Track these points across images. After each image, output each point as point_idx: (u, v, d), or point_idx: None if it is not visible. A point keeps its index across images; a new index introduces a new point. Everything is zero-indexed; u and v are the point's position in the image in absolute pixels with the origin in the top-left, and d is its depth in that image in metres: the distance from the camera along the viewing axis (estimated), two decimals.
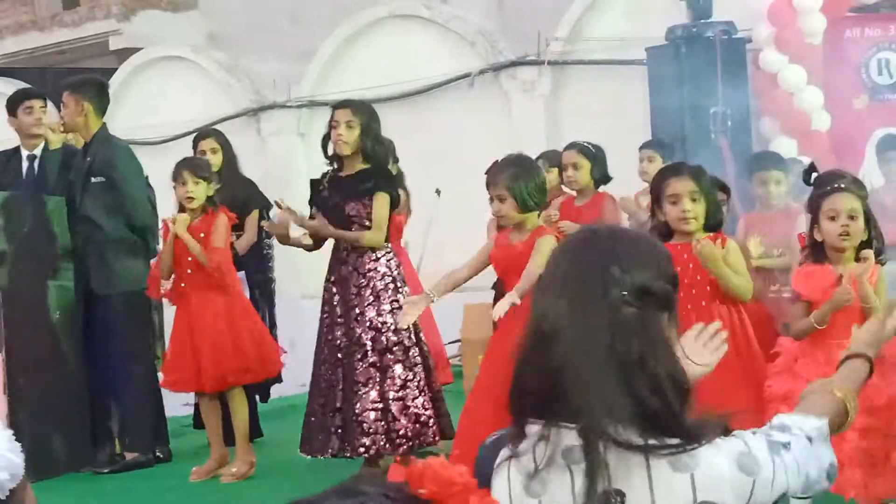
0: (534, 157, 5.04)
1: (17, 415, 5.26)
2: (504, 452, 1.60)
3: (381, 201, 4.88)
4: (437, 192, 7.53)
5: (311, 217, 5.03)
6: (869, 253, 3.77)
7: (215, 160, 5.99)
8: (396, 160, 5.86)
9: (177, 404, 6.41)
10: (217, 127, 8.19)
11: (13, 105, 5.95)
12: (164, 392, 5.81)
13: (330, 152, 4.98)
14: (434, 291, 4.40)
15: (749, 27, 7.52)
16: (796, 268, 4.05)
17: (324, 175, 5.07)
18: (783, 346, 3.92)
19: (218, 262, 5.21)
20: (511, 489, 1.57)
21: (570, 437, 1.52)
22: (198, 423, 6.05)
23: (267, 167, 9.34)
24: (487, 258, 4.48)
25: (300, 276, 8.87)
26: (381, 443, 4.83)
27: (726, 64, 7.34)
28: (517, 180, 4.25)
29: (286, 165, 9.33)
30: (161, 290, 5.36)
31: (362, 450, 4.83)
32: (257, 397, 6.11)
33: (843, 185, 3.80)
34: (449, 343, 7.22)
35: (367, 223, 4.91)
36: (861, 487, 3.63)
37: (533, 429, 1.56)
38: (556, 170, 6.37)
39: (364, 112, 4.98)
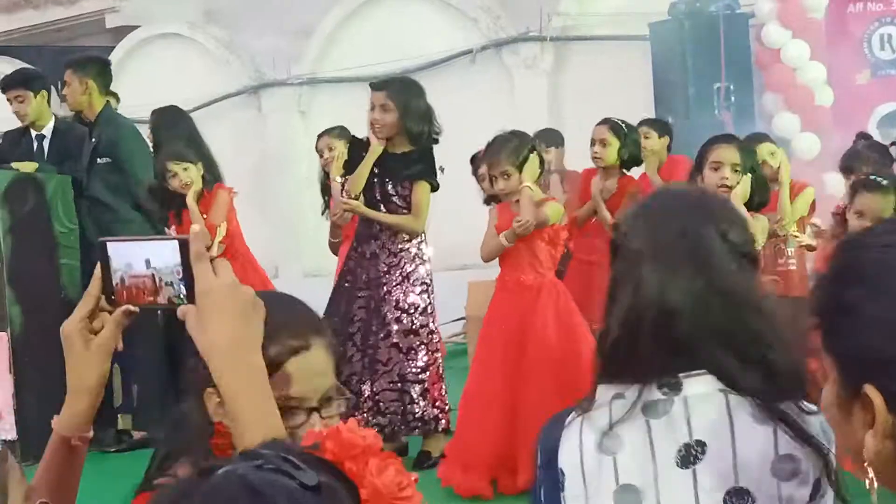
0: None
1: (23, 394, 5.22)
2: (573, 415, 1.59)
3: (421, 189, 4.82)
4: (441, 169, 7.51)
5: (344, 178, 4.92)
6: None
7: None
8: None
9: None
10: (217, 104, 8.16)
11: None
12: None
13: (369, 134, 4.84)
14: None
15: (752, 2, 7.49)
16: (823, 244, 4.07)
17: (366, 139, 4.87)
18: None
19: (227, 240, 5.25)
20: (583, 446, 1.56)
21: (652, 393, 1.53)
22: None
23: (268, 145, 9.31)
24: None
25: (301, 256, 8.87)
26: (398, 423, 4.78)
27: (729, 39, 7.32)
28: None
29: (287, 143, 9.30)
30: None
31: (377, 429, 4.77)
32: None
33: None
34: (454, 321, 7.23)
35: (402, 205, 4.83)
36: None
37: (607, 391, 1.57)
38: (552, 149, 6.41)
39: (402, 92, 4.81)
